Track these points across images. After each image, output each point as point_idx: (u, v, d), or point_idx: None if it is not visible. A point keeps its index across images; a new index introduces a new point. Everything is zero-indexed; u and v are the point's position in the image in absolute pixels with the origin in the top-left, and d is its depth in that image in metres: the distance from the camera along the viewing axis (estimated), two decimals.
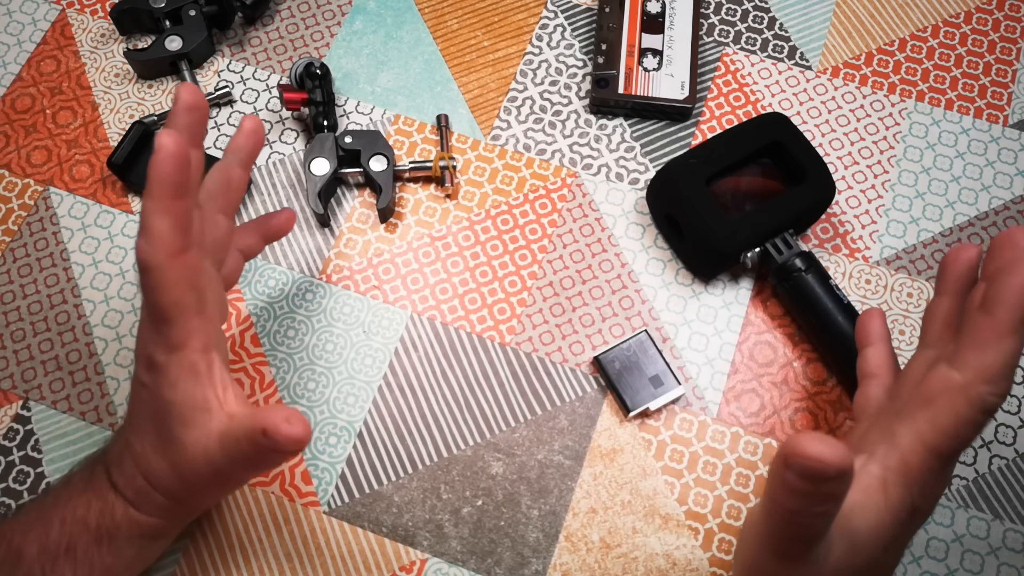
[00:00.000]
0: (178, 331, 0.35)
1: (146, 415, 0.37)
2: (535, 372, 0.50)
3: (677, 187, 0.49)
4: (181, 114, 0.37)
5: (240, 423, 0.34)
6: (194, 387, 0.35)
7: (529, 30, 0.59)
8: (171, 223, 0.34)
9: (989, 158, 0.55)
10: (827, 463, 0.27)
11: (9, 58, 0.58)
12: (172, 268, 0.34)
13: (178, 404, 0.35)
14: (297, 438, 0.33)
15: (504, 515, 0.47)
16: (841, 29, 0.59)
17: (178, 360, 0.35)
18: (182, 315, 0.35)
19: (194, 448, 0.35)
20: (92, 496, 0.38)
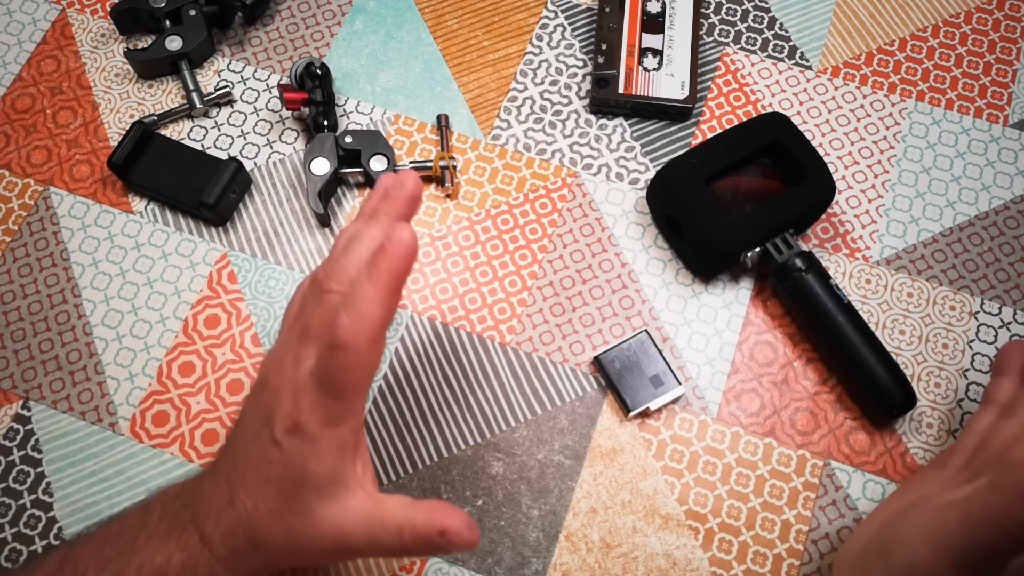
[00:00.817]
0: (345, 410, 0.34)
1: (271, 477, 0.35)
2: (535, 372, 0.50)
3: (677, 187, 0.49)
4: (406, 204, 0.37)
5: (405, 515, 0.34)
6: (339, 463, 0.35)
7: (529, 30, 0.59)
8: (384, 313, 0.33)
9: (989, 158, 0.55)
10: None
11: (9, 58, 0.58)
12: (369, 354, 0.33)
13: (319, 476, 0.34)
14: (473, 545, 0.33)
15: (504, 515, 0.47)
16: (841, 29, 0.59)
17: (331, 435, 0.34)
18: (356, 397, 0.35)
19: (326, 523, 0.35)
20: (176, 545, 0.36)
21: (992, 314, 0.51)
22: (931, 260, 0.53)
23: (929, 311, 0.51)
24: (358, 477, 0.36)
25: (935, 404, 0.49)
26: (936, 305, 0.52)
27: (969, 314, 0.51)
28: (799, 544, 0.46)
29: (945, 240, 0.53)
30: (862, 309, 0.51)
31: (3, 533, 0.47)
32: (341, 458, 0.35)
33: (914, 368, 0.50)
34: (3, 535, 0.46)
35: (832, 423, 0.49)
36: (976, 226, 0.54)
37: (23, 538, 0.47)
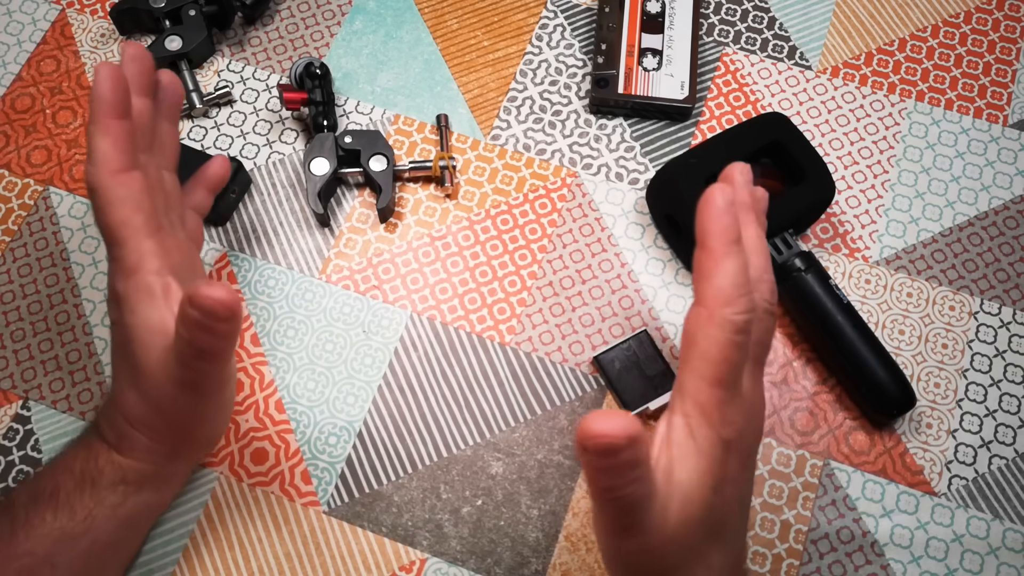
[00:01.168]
0: (132, 253, 0.37)
1: (119, 354, 0.38)
2: (535, 372, 0.50)
3: (677, 187, 0.49)
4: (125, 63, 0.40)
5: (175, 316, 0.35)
6: (150, 309, 0.36)
7: (529, 30, 0.59)
8: (111, 142, 0.36)
9: (989, 158, 0.55)
10: (613, 435, 0.28)
11: (9, 58, 0.58)
12: (116, 186, 0.36)
13: (137, 328, 0.36)
14: (219, 298, 0.32)
15: (504, 515, 0.47)
16: (841, 29, 0.59)
17: (135, 284, 0.37)
18: (132, 235, 0.37)
19: (156, 368, 0.36)
20: (80, 446, 0.40)
21: (992, 314, 0.51)
22: (931, 260, 0.53)
23: (929, 311, 0.51)
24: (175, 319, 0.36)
25: (935, 404, 0.49)
26: (936, 305, 0.52)
27: (969, 314, 0.51)
28: (799, 544, 0.46)
29: (945, 240, 0.53)
30: (862, 309, 0.51)
31: None
32: (152, 303, 0.37)
33: (914, 368, 0.50)
34: None
35: (832, 423, 0.49)
36: (976, 226, 0.54)
37: None
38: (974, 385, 0.50)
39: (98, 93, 0.36)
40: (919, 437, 0.49)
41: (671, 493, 0.33)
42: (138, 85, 0.40)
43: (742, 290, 0.33)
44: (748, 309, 0.33)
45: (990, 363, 0.50)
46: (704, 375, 0.33)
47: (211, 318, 0.32)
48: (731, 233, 0.33)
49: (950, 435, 0.49)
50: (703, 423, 0.33)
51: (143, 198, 0.38)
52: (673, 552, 0.34)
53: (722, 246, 0.33)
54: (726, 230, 0.33)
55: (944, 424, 0.49)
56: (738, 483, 0.35)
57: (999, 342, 0.51)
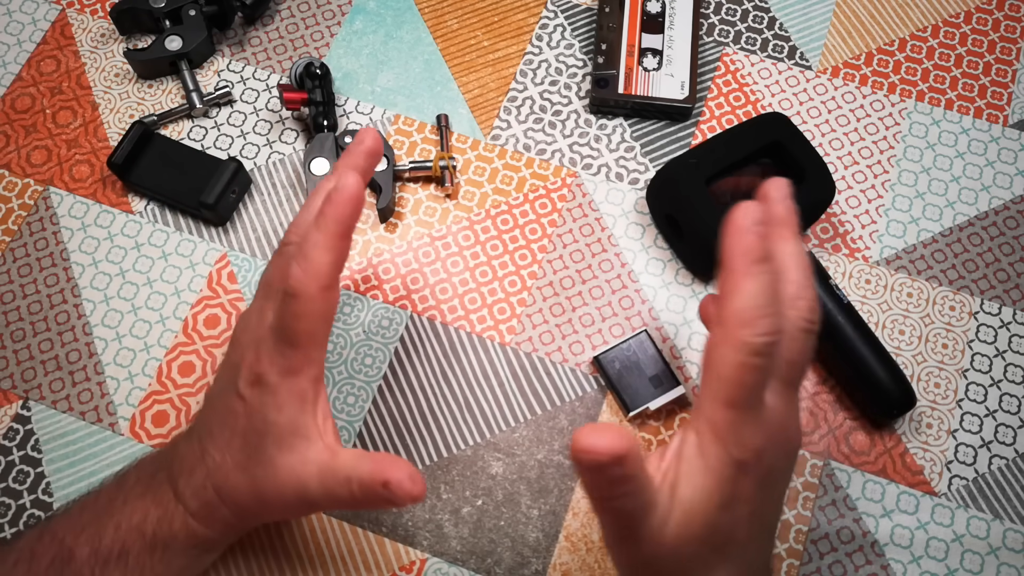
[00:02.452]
0: (302, 358, 0.36)
1: (236, 430, 0.37)
2: (535, 372, 0.50)
3: (677, 187, 0.49)
4: (362, 157, 0.39)
5: (353, 466, 0.35)
6: (299, 413, 0.36)
7: (529, 30, 0.59)
8: (333, 260, 0.35)
9: (989, 158, 0.55)
10: (600, 451, 0.28)
11: (9, 58, 0.58)
12: (321, 301, 0.35)
13: (280, 427, 0.35)
14: (417, 498, 0.33)
15: (504, 515, 0.47)
16: (841, 29, 0.59)
17: (290, 385, 0.36)
18: (312, 345, 0.36)
19: (287, 473, 0.35)
20: (152, 503, 0.38)
21: (992, 314, 0.51)
22: (931, 260, 0.53)
23: (929, 311, 0.51)
24: (318, 428, 0.36)
25: (935, 404, 0.49)
26: (936, 305, 0.52)
27: (969, 314, 0.51)
28: (799, 544, 0.46)
29: (945, 240, 0.53)
30: (862, 309, 0.51)
31: (3, 533, 0.47)
32: (301, 408, 0.36)
33: (914, 368, 0.50)
34: (3, 535, 0.46)
35: (832, 423, 0.49)
36: (976, 226, 0.54)
37: None
38: (974, 385, 0.50)
39: (339, 212, 0.35)
40: (919, 437, 0.49)
41: (673, 507, 0.32)
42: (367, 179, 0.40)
43: (763, 311, 0.32)
44: (769, 331, 0.32)
45: (990, 363, 0.50)
46: (717, 395, 0.33)
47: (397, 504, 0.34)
48: (753, 253, 0.33)
49: (950, 435, 0.49)
50: (714, 442, 0.33)
51: (333, 312, 0.37)
52: (670, 564, 0.34)
53: (742, 266, 0.33)
54: (748, 250, 0.33)
55: (944, 424, 0.49)
56: (752, 503, 0.34)
57: (999, 342, 0.51)
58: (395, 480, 0.33)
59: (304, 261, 0.35)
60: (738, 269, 0.33)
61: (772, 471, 0.35)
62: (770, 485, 0.36)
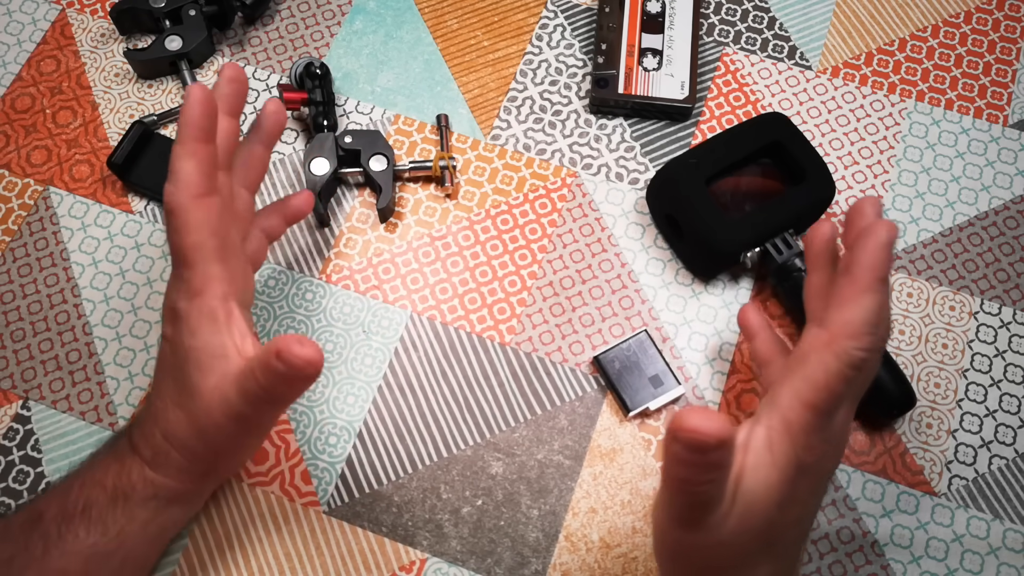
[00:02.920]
0: (198, 276, 0.37)
1: (167, 370, 0.38)
2: (535, 372, 0.50)
3: (677, 187, 0.49)
4: (222, 84, 0.40)
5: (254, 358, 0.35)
6: (212, 334, 0.37)
7: (529, 30, 0.59)
8: (196, 166, 0.36)
9: (989, 158, 0.55)
10: (707, 434, 0.28)
11: (9, 58, 0.58)
12: (195, 210, 0.36)
13: (196, 351, 0.36)
14: (309, 358, 0.33)
15: (504, 515, 0.47)
16: (841, 29, 0.59)
17: (198, 306, 0.37)
18: (203, 259, 0.37)
19: (211, 394, 0.36)
20: (112, 459, 0.39)
21: (992, 314, 0.51)
22: (931, 260, 0.53)
23: (929, 311, 0.51)
24: (236, 346, 0.37)
25: (935, 404, 0.49)
26: (936, 305, 0.52)
27: (969, 314, 0.51)
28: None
29: (945, 240, 0.53)
30: None
31: None
32: (213, 328, 0.37)
33: (914, 368, 0.50)
34: None
35: None
36: (976, 226, 0.54)
37: None
38: (974, 385, 0.50)
39: (187, 116, 0.36)
40: (919, 437, 0.49)
41: (736, 499, 0.33)
42: (229, 106, 0.41)
43: (871, 328, 0.33)
44: (873, 348, 0.33)
45: (990, 363, 0.50)
46: (803, 396, 0.34)
47: (296, 373, 0.33)
48: (883, 270, 0.34)
49: (950, 435, 0.49)
50: (785, 440, 0.34)
51: (218, 222, 0.38)
52: (722, 555, 0.34)
53: (870, 280, 0.33)
54: (880, 265, 0.34)
55: (944, 424, 0.49)
56: (804, 505, 0.35)
57: (999, 342, 0.51)
58: (284, 347, 0.32)
59: (171, 176, 0.36)
60: (863, 282, 0.33)
61: (823, 479, 0.36)
62: (819, 491, 0.37)
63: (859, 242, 0.34)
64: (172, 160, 0.37)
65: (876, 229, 0.34)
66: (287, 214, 0.48)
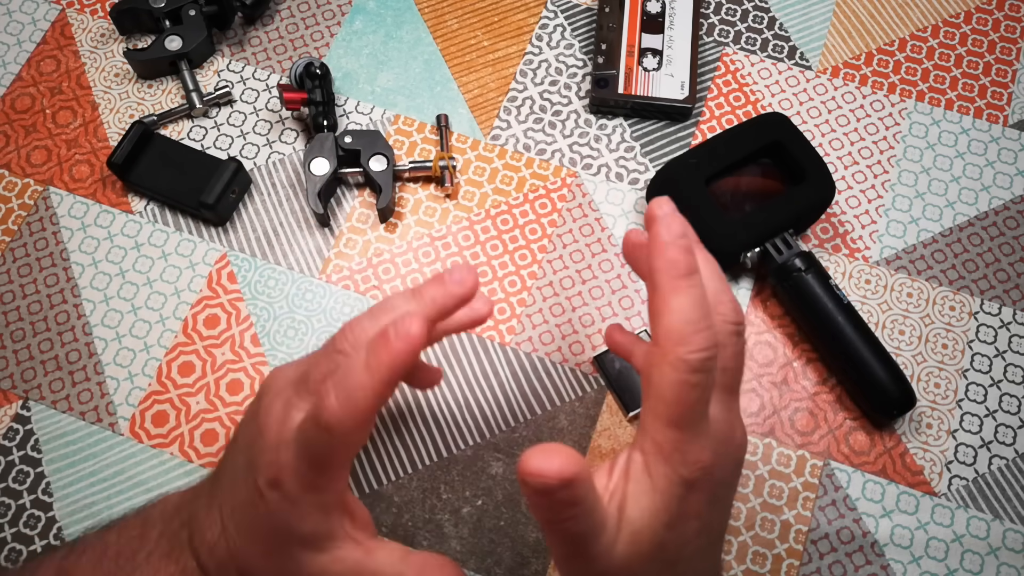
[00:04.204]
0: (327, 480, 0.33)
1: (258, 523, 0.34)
2: (535, 372, 0.50)
3: (677, 187, 0.49)
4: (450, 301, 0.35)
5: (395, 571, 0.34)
6: (324, 521, 0.34)
7: (529, 30, 0.59)
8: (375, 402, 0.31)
9: (989, 158, 0.55)
10: (548, 475, 0.27)
11: (9, 58, 0.58)
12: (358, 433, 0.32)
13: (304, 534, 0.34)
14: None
15: (504, 515, 0.47)
16: (841, 29, 0.59)
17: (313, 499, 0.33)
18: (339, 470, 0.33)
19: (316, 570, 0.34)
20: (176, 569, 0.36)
21: (992, 314, 0.51)
22: (931, 260, 0.53)
23: (929, 311, 0.51)
24: (346, 530, 0.35)
25: (935, 404, 0.49)
26: (936, 305, 0.52)
27: (969, 314, 0.51)
28: (799, 544, 0.46)
29: (945, 240, 0.53)
30: (862, 309, 0.51)
31: (3, 533, 0.47)
32: (326, 517, 0.34)
33: (914, 368, 0.50)
34: (3, 535, 0.46)
35: (832, 423, 0.49)
36: (976, 226, 0.54)
37: (23, 538, 0.47)
38: (974, 385, 0.50)
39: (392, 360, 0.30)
40: (919, 437, 0.49)
41: (621, 527, 0.32)
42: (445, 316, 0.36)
43: (697, 326, 0.31)
44: (705, 346, 0.31)
45: (990, 363, 0.50)
46: (660, 415, 0.32)
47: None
48: (678, 267, 0.32)
49: (950, 435, 0.49)
50: (660, 462, 0.32)
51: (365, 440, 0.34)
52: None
53: (669, 281, 0.32)
54: (673, 264, 0.32)
55: (944, 424, 0.49)
56: (702, 518, 0.34)
57: (999, 342, 0.51)
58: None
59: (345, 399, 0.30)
60: (664, 286, 0.32)
61: (720, 484, 0.35)
62: (720, 497, 0.35)
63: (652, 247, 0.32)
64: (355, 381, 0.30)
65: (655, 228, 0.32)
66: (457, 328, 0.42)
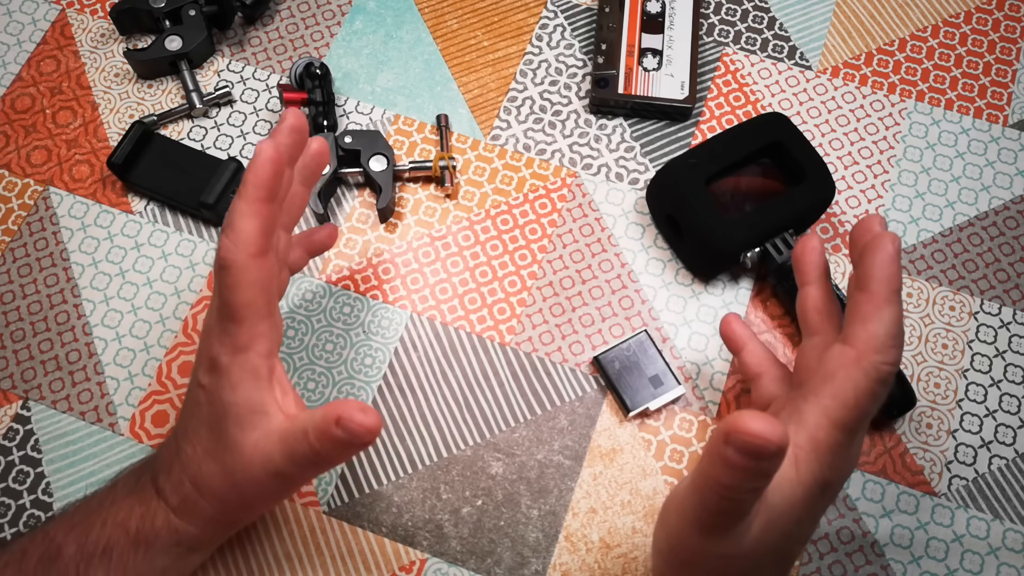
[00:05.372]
0: (246, 333, 0.36)
1: (201, 419, 0.37)
2: (535, 372, 0.50)
3: (677, 187, 0.49)
4: (283, 133, 0.38)
5: (306, 418, 0.34)
6: (254, 390, 0.36)
7: (529, 30, 0.59)
8: (258, 225, 0.35)
9: (989, 158, 0.55)
10: (768, 439, 0.27)
11: (9, 58, 0.58)
12: (252, 269, 0.35)
13: (237, 406, 0.36)
14: (371, 427, 0.33)
15: (504, 515, 0.47)
16: (841, 29, 0.59)
17: (241, 362, 0.36)
18: (253, 316, 0.36)
19: (251, 450, 0.36)
20: (135, 501, 0.38)
21: (992, 314, 0.51)
22: (931, 260, 0.53)
23: (929, 311, 0.51)
24: (277, 402, 0.36)
25: (935, 404, 0.49)
26: (936, 305, 0.52)
27: (969, 314, 0.51)
28: None
29: (945, 240, 0.53)
30: None
31: (3, 533, 0.47)
32: (256, 385, 0.36)
33: (914, 368, 0.50)
34: (3, 535, 0.46)
35: None
36: (976, 226, 0.54)
37: None
38: (974, 385, 0.50)
39: (255, 175, 0.35)
40: (919, 437, 0.49)
41: (759, 512, 0.33)
42: (290, 157, 0.39)
43: (895, 341, 0.33)
44: (896, 362, 0.33)
45: (990, 363, 0.50)
46: (832, 415, 0.33)
47: (354, 440, 0.33)
48: (897, 282, 0.34)
49: (950, 435, 0.49)
50: (813, 459, 0.33)
51: (270, 281, 0.37)
52: (738, 565, 0.34)
53: (888, 292, 0.34)
54: (893, 277, 0.34)
55: (944, 424, 0.49)
56: (815, 523, 0.35)
57: (999, 342, 0.51)
58: (345, 414, 0.33)
59: (230, 231, 0.35)
60: (882, 295, 0.33)
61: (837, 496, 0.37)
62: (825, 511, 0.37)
63: (869, 256, 0.34)
64: (233, 215, 0.35)
65: (883, 242, 0.34)
66: (311, 248, 0.47)
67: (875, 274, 0.34)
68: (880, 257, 0.34)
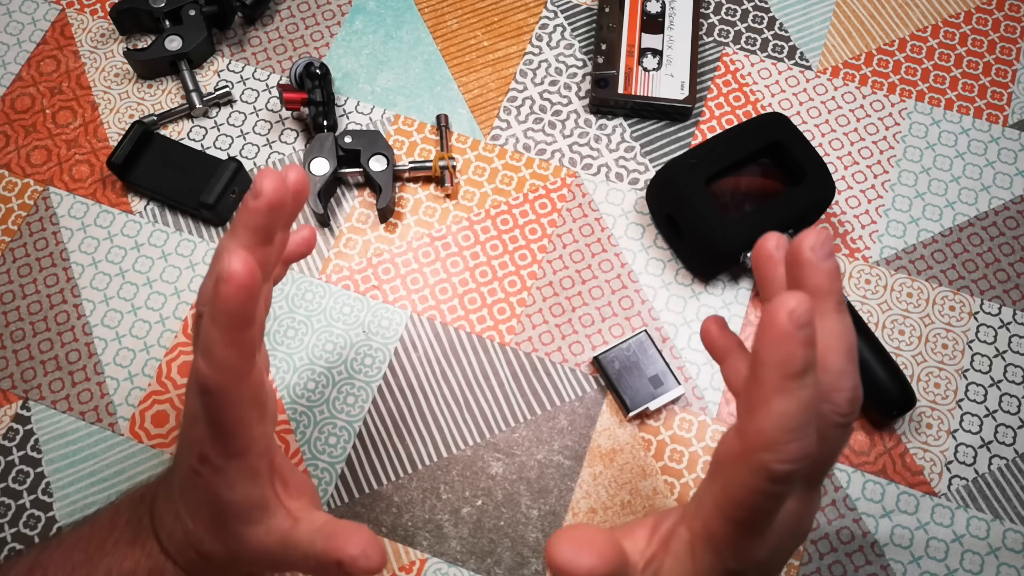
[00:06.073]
0: (239, 443, 0.33)
1: (200, 500, 0.35)
2: (535, 372, 0.50)
3: (677, 187, 0.49)
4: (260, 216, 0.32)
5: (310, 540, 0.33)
6: (253, 487, 0.34)
7: (529, 30, 0.59)
8: (239, 353, 0.31)
9: (989, 158, 0.55)
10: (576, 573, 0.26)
11: (9, 58, 0.58)
12: (237, 391, 0.31)
13: (236, 504, 0.34)
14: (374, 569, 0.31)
15: (504, 515, 0.47)
16: (841, 29, 0.59)
17: (237, 465, 0.33)
18: (245, 430, 0.33)
19: (254, 543, 0.34)
20: (142, 554, 0.37)
21: (992, 314, 0.51)
22: (931, 260, 0.53)
23: (929, 311, 0.51)
24: (278, 497, 0.35)
25: (935, 404, 0.49)
26: (936, 305, 0.52)
27: (968, 314, 0.51)
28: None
29: (945, 240, 0.53)
30: (862, 309, 0.51)
31: (3, 533, 0.47)
32: (254, 483, 0.34)
33: (914, 368, 0.50)
34: (3, 535, 0.46)
35: None
36: (976, 226, 0.54)
37: (23, 538, 0.47)
38: (974, 385, 0.50)
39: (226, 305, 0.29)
40: (919, 437, 0.49)
41: None
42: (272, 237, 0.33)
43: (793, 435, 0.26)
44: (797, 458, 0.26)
45: (990, 363, 0.50)
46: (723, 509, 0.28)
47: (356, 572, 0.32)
48: (792, 365, 0.26)
49: (950, 435, 0.49)
50: (709, 550, 0.29)
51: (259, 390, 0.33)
52: None
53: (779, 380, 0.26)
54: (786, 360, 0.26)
55: (944, 424, 0.49)
56: None
57: (999, 342, 0.51)
58: (347, 559, 0.31)
59: (209, 358, 0.30)
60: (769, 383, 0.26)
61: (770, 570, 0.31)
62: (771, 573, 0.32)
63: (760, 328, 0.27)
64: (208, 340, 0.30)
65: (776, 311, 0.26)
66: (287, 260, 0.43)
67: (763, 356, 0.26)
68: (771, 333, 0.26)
